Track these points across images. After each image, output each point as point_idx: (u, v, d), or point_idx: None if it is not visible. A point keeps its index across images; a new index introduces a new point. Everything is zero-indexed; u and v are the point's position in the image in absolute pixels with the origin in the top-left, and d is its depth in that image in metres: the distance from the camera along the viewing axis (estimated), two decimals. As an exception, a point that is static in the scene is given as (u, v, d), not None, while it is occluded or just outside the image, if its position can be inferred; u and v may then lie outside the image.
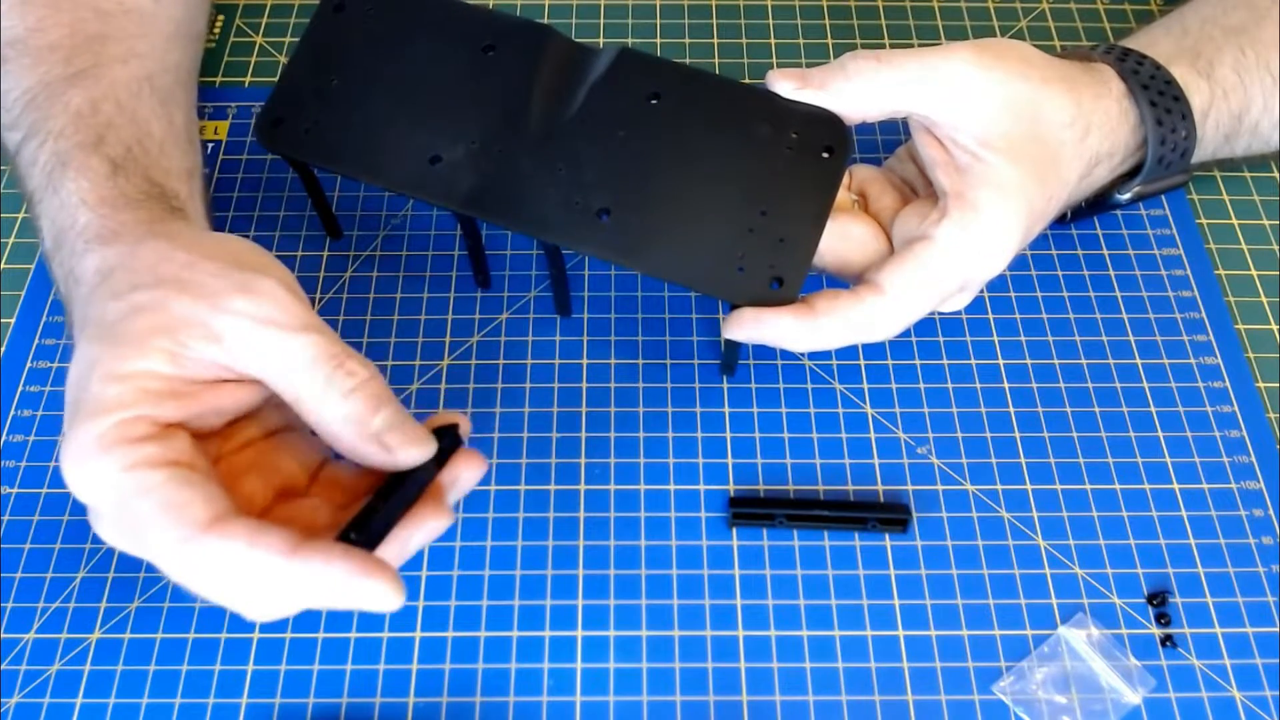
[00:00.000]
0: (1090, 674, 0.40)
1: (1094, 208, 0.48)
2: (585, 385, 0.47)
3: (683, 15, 0.60)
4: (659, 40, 0.59)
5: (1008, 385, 0.47)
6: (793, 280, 0.40)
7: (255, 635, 0.41)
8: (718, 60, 0.58)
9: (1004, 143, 0.39)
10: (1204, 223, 0.52)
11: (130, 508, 0.30)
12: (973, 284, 0.41)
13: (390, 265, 0.50)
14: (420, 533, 0.33)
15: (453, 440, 0.35)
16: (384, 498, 0.32)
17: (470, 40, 0.43)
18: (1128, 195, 0.46)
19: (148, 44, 0.45)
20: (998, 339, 0.48)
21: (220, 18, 0.60)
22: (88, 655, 0.40)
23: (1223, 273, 0.50)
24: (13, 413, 0.46)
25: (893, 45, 0.59)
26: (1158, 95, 0.43)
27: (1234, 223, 0.52)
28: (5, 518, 0.43)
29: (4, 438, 0.45)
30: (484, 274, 0.49)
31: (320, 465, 0.36)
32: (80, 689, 0.40)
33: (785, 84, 0.40)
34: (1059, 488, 0.44)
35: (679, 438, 0.45)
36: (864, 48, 0.41)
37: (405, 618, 0.41)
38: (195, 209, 0.42)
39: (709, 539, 0.43)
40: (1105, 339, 0.48)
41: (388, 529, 0.32)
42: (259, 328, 0.32)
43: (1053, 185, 0.41)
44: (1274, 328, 0.48)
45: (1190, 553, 0.43)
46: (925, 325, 0.47)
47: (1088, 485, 0.44)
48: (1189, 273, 0.50)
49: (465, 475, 0.35)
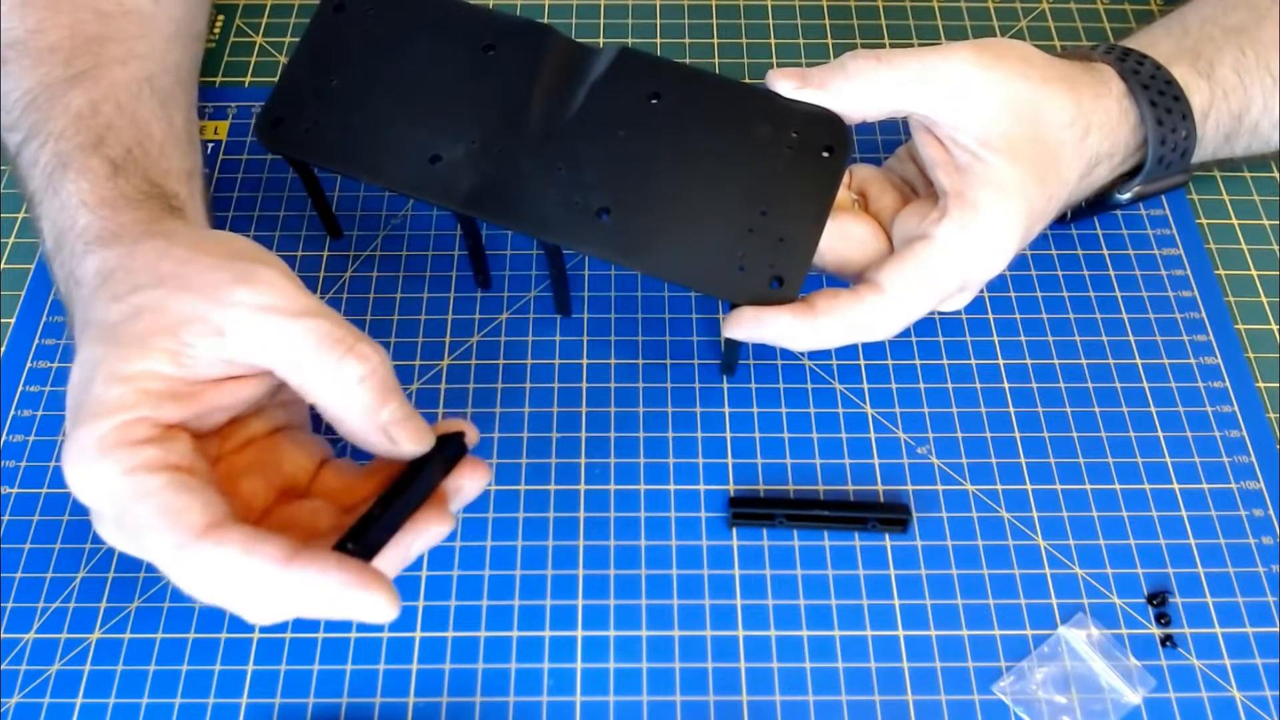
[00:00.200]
0: (1090, 674, 0.40)
1: (1094, 208, 0.48)
2: (585, 385, 0.47)
3: (683, 15, 0.60)
4: (659, 40, 0.59)
5: (1008, 385, 0.47)
6: (793, 280, 0.40)
7: (255, 635, 0.41)
8: (718, 60, 0.58)
9: (1004, 142, 0.39)
10: (1204, 223, 0.52)
11: (129, 511, 0.30)
12: (973, 284, 0.41)
13: (390, 265, 0.50)
14: (421, 539, 0.33)
15: (458, 449, 0.35)
16: (384, 505, 0.32)
17: (470, 40, 0.43)
18: (1128, 195, 0.46)
19: (148, 45, 0.45)
20: (998, 339, 0.48)
21: (220, 18, 0.60)
22: (88, 655, 0.40)
23: (1223, 273, 0.50)
24: (13, 413, 0.46)
25: (893, 45, 0.59)
26: (1158, 95, 0.43)
27: (1234, 223, 0.52)
28: (5, 518, 0.43)
29: (4, 438, 0.45)
30: (484, 274, 0.49)
31: (321, 464, 0.36)
32: (80, 689, 0.40)
33: (785, 83, 0.40)
34: (1059, 488, 0.44)
35: (679, 438, 0.45)
36: (864, 48, 0.41)
37: (405, 618, 0.41)
38: (195, 209, 0.42)
39: (709, 539, 0.43)
40: (1105, 339, 0.48)
41: (385, 539, 0.32)
42: (261, 316, 0.32)
43: (1053, 185, 0.41)
44: (1274, 328, 0.48)
45: (1190, 553, 0.43)
46: (925, 325, 0.47)
47: (1088, 485, 0.44)
48: (1189, 273, 0.50)
49: (468, 485, 0.35)
